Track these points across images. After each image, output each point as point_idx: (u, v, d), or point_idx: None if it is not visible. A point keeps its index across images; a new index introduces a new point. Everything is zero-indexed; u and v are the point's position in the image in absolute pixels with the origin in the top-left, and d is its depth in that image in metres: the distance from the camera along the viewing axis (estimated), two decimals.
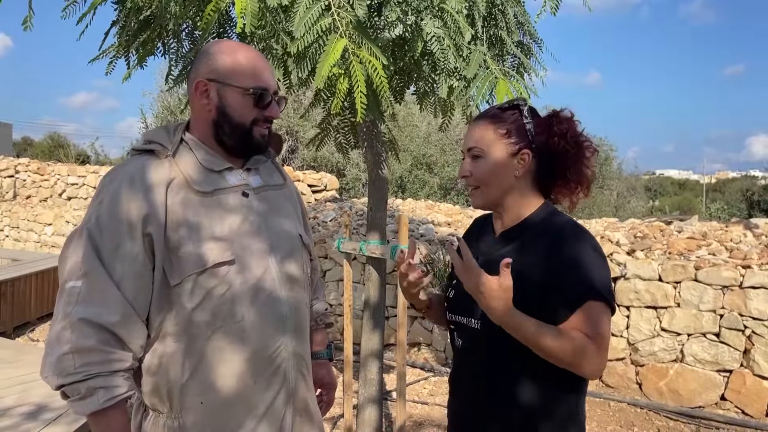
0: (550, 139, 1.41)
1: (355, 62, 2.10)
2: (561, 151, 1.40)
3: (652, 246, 5.05)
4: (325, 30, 2.16)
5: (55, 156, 18.11)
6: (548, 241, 1.35)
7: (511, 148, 1.39)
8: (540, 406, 1.36)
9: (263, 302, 1.35)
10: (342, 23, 2.18)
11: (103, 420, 1.22)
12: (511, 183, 1.41)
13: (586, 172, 1.44)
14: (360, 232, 6.41)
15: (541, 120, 1.43)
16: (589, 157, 1.45)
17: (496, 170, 1.41)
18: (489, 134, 1.41)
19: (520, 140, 1.39)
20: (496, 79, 2.44)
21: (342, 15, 2.19)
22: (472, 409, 1.45)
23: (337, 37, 2.13)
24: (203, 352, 1.29)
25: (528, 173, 1.41)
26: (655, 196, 33.06)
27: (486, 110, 1.48)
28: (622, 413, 4.43)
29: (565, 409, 1.37)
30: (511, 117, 1.41)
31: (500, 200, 1.44)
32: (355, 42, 2.17)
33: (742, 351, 4.40)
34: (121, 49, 2.90)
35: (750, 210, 18.18)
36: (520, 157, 1.39)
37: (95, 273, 1.22)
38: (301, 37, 2.12)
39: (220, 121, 1.37)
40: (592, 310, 1.27)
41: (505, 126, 1.40)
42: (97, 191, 1.32)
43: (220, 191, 1.35)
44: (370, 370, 3.31)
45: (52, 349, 1.20)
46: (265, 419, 1.35)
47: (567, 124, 1.43)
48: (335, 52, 2.06)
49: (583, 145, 1.43)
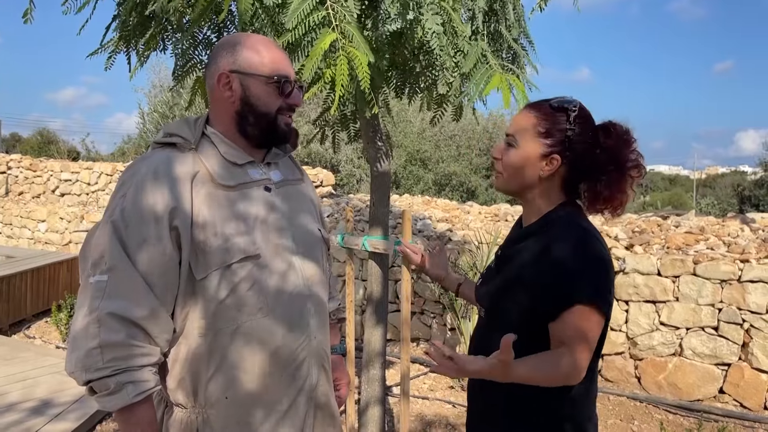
0: (591, 150, 1.37)
1: (342, 56, 2.10)
2: (599, 166, 1.38)
3: (650, 241, 5.07)
4: (318, 23, 2.16)
5: (46, 152, 17.97)
6: (546, 243, 1.35)
7: (544, 149, 1.38)
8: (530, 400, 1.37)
9: (288, 297, 1.35)
10: (336, 17, 2.17)
11: (132, 415, 1.21)
12: (534, 181, 1.41)
13: (620, 195, 1.39)
14: (358, 227, 6.40)
15: (588, 128, 1.39)
16: (631, 182, 1.40)
17: (522, 165, 1.40)
18: (529, 127, 1.40)
19: (555, 144, 1.37)
20: (492, 73, 2.44)
21: (337, 9, 2.18)
22: (480, 386, 1.48)
23: (329, 31, 2.12)
24: (228, 347, 1.29)
25: (556, 176, 1.40)
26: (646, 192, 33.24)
27: (538, 101, 1.45)
28: (621, 407, 4.45)
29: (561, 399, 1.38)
30: (557, 118, 1.38)
31: (520, 193, 1.45)
32: (347, 37, 2.16)
33: (740, 344, 4.43)
34: (120, 43, 2.87)
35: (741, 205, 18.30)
36: (549, 160, 1.38)
37: (122, 267, 1.21)
38: (293, 28, 2.11)
39: (245, 111, 1.36)
40: (577, 315, 1.28)
41: (546, 125, 1.38)
42: (120, 184, 1.30)
43: (243, 186, 1.35)
44: (374, 367, 3.30)
45: (79, 344, 1.18)
46: (288, 414, 1.35)
47: (615, 140, 1.38)
48: (323, 45, 2.07)
49: (626, 167, 1.38)
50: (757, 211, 14.38)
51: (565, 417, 1.38)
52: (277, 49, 1.40)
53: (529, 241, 1.42)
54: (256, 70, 1.35)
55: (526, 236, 1.44)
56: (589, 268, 1.31)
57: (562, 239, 1.34)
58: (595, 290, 1.29)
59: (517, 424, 1.40)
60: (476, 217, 6.96)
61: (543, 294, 1.31)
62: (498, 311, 1.44)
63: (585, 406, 1.42)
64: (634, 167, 1.39)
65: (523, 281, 1.36)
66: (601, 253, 1.34)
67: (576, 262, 1.30)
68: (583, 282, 1.29)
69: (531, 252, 1.39)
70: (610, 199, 1.39)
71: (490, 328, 1.40)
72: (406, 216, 3.07)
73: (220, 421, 1.29)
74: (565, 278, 1.29)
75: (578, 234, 1.35)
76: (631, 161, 1.39)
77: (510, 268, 1.44)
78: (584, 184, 1.41)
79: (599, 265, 1.33)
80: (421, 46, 2.46)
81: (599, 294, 1.30)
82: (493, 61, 2.49)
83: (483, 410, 1.49)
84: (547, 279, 1.31)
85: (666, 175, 51.53)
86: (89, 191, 11.20)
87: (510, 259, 1.46)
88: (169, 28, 2.78)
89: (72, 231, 9.04)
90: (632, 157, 1.39)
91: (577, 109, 1.38)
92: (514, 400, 1.38)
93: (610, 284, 1.34)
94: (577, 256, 1.31)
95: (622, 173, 1.38)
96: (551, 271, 1.31)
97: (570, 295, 1.28)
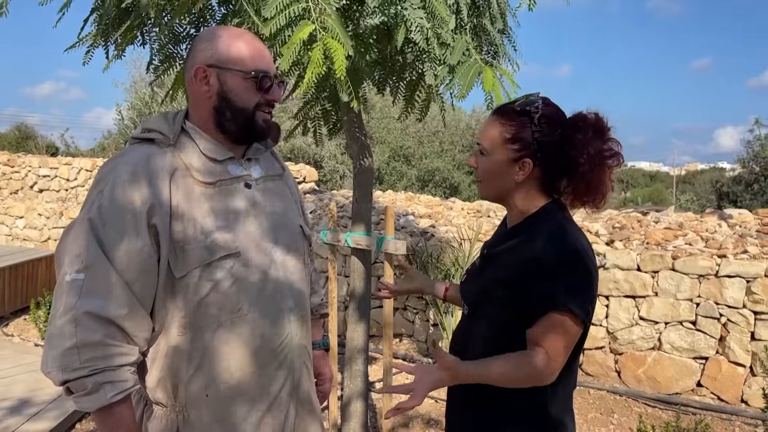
0: (562, 147, 1.35)
1: (318, 48, 2.09)
2: (572, 161, 1.35)
3: (630, 236, 5.12)
4: (298, 15, 2.14)
5: (24, 147, 17.68)
6: (529, 246, 1.35)
7: (513, 155, 1.37)
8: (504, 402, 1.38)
9: (269, 294, 1.34)
10: (316, 9, 2.16)
11: (111, 415, 1.19)
12: (511, 186, 1.41)
13: (599, 186, 1.37)
14: (341, 223, 6.38)
15: (555, 127, 1.37)
16: (609, 172, 1.37)
17: (495, 172, 1.40)
18: (495, 135, 1.40)
19: (523, 148, 1.36)
20: (481, 67, 2.43)
21: (318, 1, 2.17)
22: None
23: (308, 23, 2.11)
24: (209, 345, 1.27)
25: (532, 178, 1.39)
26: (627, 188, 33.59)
27: (502, 106, 1.44)
28: (602, 401, 4.50)
29: (532, 401, 1.38)
30: (522, 122, 1.37)
31: (502, 197, 1.45)
32: (327, 29, 2.15)
33: (717, 338, 4.50)
34: (99, 37, 2.83)
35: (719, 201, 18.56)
36: (521, 165, 1.37)
37: (99, 265, 1.18)
38: (272, 17, 2.10)
39: (222, 107, 1.34)
40: (550, 320, 1.27)
41: (511, 130, 1.37)
42: (96, 180, 1.28)
43: (223, 182, 1.33)
44: (356, 363, 3.30)
45: (55, 344, 1.16)
46: (270, 412, 1.34)
47: (585, 133, 1.35)
48: (301, 35, 2.06)
49: (602, 158, 1.35)
50: (735, 207, 14.59)
51: (545, 407, 1.38)
52: (257, 42, 1.37)
53: (512, 242, 1.42)
54: (234, 64, 1.33)
55: (510, 237, 1.44)
56: (570, 275, 1.30)
57: (544, 243, 1.33)
58: (574, 297, 1.28)
59: (494, 415, 1.40)
60: (459, 213, 6.98)
61: (524, 296, 1.31)
62: (480, 309, 1.44)
63: (565, 398, 1.43)
64: (610, 156, 1.36)
65: (505, 282, 1.36)
66: (584, 259, 1.32)
67: (557, 267, 1.29)
68: (563, 289, 1.28)
69: (513, 253, 1.39)
70: (589, 192, 1.37)
71: (472, 325, 1.41)
72: (388, 212, 3.07)
73: (201, 420, 1.28)
74: (545, 284, 1.29)
75: (560, 238, 1.34)
76: (606, 151, 1.36)
77: (493, 267, 1.44)
78: (564, 180, 1.40)
79: (580, 271, 1.31)
80: (407, 42, 2.46)
81: (576, 300, 1.28)
82: (476, 56, 2.49)
83: (463, 399, 1.49)
84: (527, 282, 1.31)
85: (647, 171, 52.06)
86: (68, 187, 11.05)
87: (494, 259, 1.47)
88: (147, 22, 2.74)
89: (51, 227, 8.91)
90: (607, 147, 1.36)
91: (539, 109, 1.36)
92: (494, 390, 1.38)
93: (591, 290, 1.32)
94: (559, 262, 1.30)
95: (598, 165, 1.35)
96: (532, 275, 1.30)
97: (548, 301, 1.28)
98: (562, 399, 1.41)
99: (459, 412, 1.50)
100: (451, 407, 1.54)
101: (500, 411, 1.39)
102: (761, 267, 4.36)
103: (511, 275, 1.35)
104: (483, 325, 1.38)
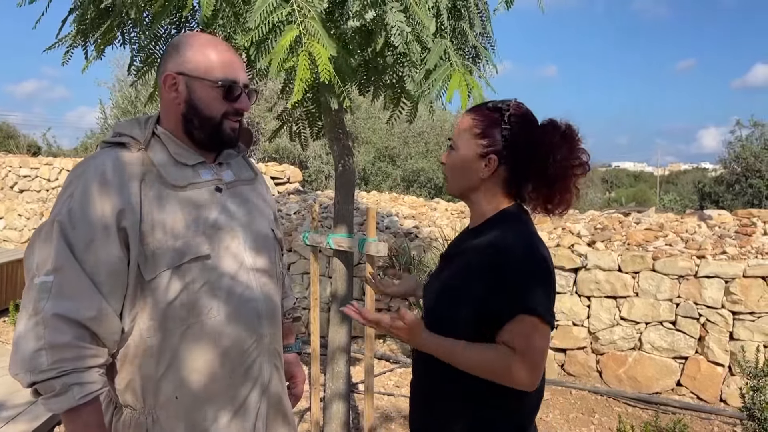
0: (529, 148, 1.36)
1: (304, 51, 2.10)
2: (538, 164, 1.36)
3: (611, 237, 5.17)
4: (282, 20, 2.15)
5: (5, 147, 17.46)
6: (490, 254, 1.33)
7: (480, 150, 1.38)
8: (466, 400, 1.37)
9: (238, 297, 1.34)
10: (300, 13, 2.16)
11: (79, 417, 1.19)
12: (475, 182, 1.41)
13: (564, 193, 1.38)
14: (325, 224, 6.38)
15: (525, 127, 1.38)
16: (575, 180, 1.38)
17: (461, 166, 1.42)
18: (466, 130, 1.41)
19: (491, 144, 1.37)
20: (451, 72, 2.45)
21: (302, 6, 2.17)
22: (418, 387, 1.51)
23: (292, 27, 2.12)
24: (178, 347, 1.28)
25: (497, 177, 1.39)
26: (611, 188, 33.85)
27: (477, 105, 1.46)
28: (583, 401, 4.54)
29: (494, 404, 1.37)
30: (493, 118, 1.38)
31: (465, 194, 1.45)
32: (312, 33, 2.15)
33: (696, 338, 4.55)
34: (78, 37, 2.81)
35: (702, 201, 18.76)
36: (487, 160, 1.38)
37: (68, 267, 1.19)
38: (256, 27, 2.10)
39: (190, 114, 1.35)
40: (523, 324, 1.27)
41: (482, 126, 1.39)
42: (66, 184, 1.28)
43: (193, 186, 1.34)
44: (338, 363, 3.30)
45: (23, 346, 1.16)
46: (239, 414, 1.35)
47: (553, 137, 1.36)
48: (286, 41, 2.06)
49: (568, 164, 1.36)
50: (717, 207, 14.77)
51: (512, 409, 1.37)
52: (227, 51, 1.38)
53: (472, 243, 1.41)
54: (202, 73, 1.33)
55: (470, 238, 1.44)
56: (536, 277, 1.30)
57: (507, 245, 1.32)
58: (541, 300, 1.28)
59: (458, 409, 1.39)
60: (443, 213, 7.00)
61: (487, 298, 1.30)
62: (438, 311, 1.43)
63: (533, 400, 1.42)
64: (577, 165, 1.37)
65: (465, 283, 1.35)
66: (546, 262, 1.33)
67: (522, 270, 1.29)
68: (536, 294, 1.28)
69: (473, 254, 1.38)
70: (552, 197, 1.38)
71: (431, 327, 1.38)
72: (370, 213, 3.07)
73: (171, 422, 1.28)
74: (517, 291, 1.28)
75: (523, 239, 1.34)
76: (574, 158, 1.37)
77: (452, 268, 1.44)
78: (529, 185, 1.41)
79: (545, 274, 1.32)
80: (386, 43, 2.46)
81: (544, 303, 1.29)
82: (455, 59, 2.50)
83: (426, 396, 1.48)
84: (490, 284, 1.29)
85: (631, 171, 52.48)
86: (49, 187, 10.92)
87: (453, 260, 1.47)
88: (128, 22, 2.73)
89: (31, 228, 8.82)
90: (574, 155, 1.37)
91: (511, 108, 1.38)
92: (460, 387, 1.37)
93: (553, 293, 1.34)
94: (524, 264, 1.30)
95: (564, 171, 1.36)
96: (495, 278, 1.29)
97: (521, 306, 1.27)
98: (529, 408, 1.41)
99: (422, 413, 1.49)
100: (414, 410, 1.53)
101: (466, 418, 1.38)
102: (739, 267, 4.42)
103: (470, 277, 1.34)
104: (443, 325, 1.36)
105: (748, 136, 17.13)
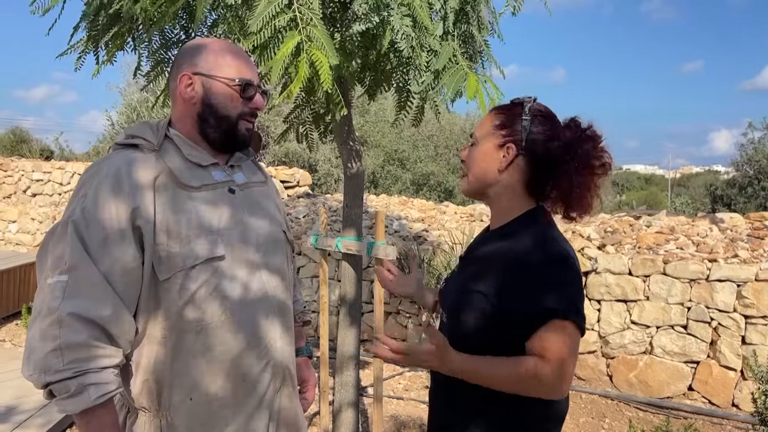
0: (549, 141, 1.34)
1: (304, 58, 2.10)
2: (558, 158, 1.33)
3: (622, 240, 5.14)
4: (284, 26, 2.15)
5: (18, 151, 17.62)
6: (519, 259, 1.31)
7: (500, 140, 1.37)
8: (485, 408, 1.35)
9: (252, 299, 1.34)
10: (303, 20, 2.16)
11: (94, 418, 1.18)
12: (494, 176, 1.38)
13: (585, 192, 1.34)
14: (334, 228, 6.38)
15: (545, 121, 1.37)
16: (597, 179, 1.35)
17: (480, 159, 1.40)
18: (487, 124, 1.41)
19: (510, 134, 1.36)
20: (466, 74, 2.44)
21: (304, 12, 2.17)
22: (439, 393, 1.48)
23: (294, 33, 2.12)
24: (192, 349, 1.27)
25: (515, 170, 1.37)
26: (622, 191, 33.63)
27: (504, 103, 1.46)
28: (593, 405, 4.51)
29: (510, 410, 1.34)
30: (513, 110, 1.38)
31: (483, 191, 1.42)
32: (313, 39, 2.16)
33: (708, 342, 4.51)
34: (90, 43, 2.83)
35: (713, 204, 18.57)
36: (505, 150, 1.36)
37: (83, 266, 1.18)
38: (258, 31, 2.11)
39: (206, 114, 1.36)
40: (553, 330, 1.24)
41: (502, 117, 1.38)
42: (80, 185, 1.28)
43: (207, 187, 1.34)
44: (347, 371, 3.30)
45: (37, 347, 1.15)
46: (252, 417, 1.35)
47: (574, 133, 1.34)
48: (287, 48, 2.07)
49: (588, 162, 1.33)
50: (729, 210, 14.64)
51: (530, 412, 1.35)
52: (242, 54, 1.40)
53: (494, 246, 1.39)
54: (218, 72, 1.35)
55: (492, 240, 1.42)
56: (568, 281, 1.28)
57: (532, 249, 1.30)
58: (572, 305, 1.26)
59: (480, 415, 1.37)
60: (452, 217, 6.99)
61: (514, 304, 1.27)
62: (458, 315, 1.40)
63: (554, 405, 1.41)
64: (599, 165, 1.35)
65: (490, 287, 1.32)
66: (576, 265, 1.31)
67: (554, 274, 1.27)
68: (564, 299, 1.26)
69: (496, 258, 1.35)
70: (572, 196, 1.34)
71: (451, 332, 1.36)
72: (379, 217, 3.07)
73: (185, 424, 1.28)
74: (541, 292, 1.25)
75: (550, 244, 1.32)
76: (595, 157, 1.34)
77: (475, 272, 1.40)
78: (550, 185, 1.38)
79: (576, 278, 1.30)
80: (392, 46, 2.47)
81: (575, 308, 1.26)
82: (463, 62, 2.50)
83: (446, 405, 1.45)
84: (517, 290, 1.27)
85: (642, 174, 52.16)
86: (62, 191, 11.02)
87: (475, 263, 1.44)
88: (138, 27, 2.75)
89: (43, 232, 8.89)
90: (595, 154, 1.35)
91: (532, 101, 1.38)
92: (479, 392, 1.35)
93: (583, 298, 1.31)
94: (556, 269, 1.28)
95: (585, 168, 1.33)
96: (522, 283, 1.27)
97: (549, 311, 1.24)
98: (555, 416, 1.39)
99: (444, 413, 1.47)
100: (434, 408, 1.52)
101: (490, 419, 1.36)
102: (751, 271, 4.38)
103: (493, 281, 1.32)
104: (464, 334, 1.34)
105: (760, 139, 16.96)
